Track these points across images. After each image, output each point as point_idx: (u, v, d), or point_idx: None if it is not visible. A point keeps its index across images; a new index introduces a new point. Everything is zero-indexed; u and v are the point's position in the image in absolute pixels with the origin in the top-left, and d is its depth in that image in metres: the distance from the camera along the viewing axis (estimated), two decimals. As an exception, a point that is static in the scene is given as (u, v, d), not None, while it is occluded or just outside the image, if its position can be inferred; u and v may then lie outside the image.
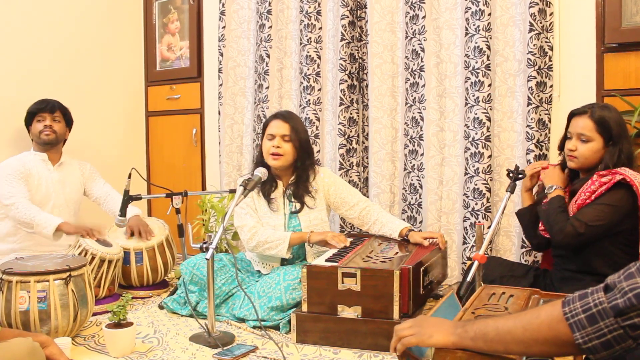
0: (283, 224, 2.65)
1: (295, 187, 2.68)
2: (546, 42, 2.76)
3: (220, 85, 3.68)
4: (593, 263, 2.19)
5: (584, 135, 2.21)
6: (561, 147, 2.38)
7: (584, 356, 1.13)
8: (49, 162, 3.08)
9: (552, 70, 2.78)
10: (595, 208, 2.14)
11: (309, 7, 3.31)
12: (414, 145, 3.13)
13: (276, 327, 2.37)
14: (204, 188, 3.93)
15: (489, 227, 2.69)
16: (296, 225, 2.65)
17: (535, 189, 2.53)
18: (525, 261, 2.82)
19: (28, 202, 2.85)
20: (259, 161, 2.70)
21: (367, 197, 3.21)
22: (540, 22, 2.74)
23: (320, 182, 2.73)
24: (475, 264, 2.11)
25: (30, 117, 3.06)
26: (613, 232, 2.15)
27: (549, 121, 2.80)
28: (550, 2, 2.75)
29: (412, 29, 3.08)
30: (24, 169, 2.96)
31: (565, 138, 2.33)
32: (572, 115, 2.29)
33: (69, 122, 3.18)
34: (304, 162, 2.67)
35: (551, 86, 2.79)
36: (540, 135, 2.78)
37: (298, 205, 2.67)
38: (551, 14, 2.76)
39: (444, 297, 1.57)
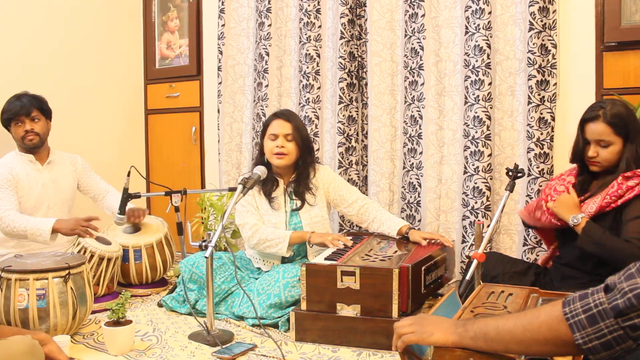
0: (284, 221, 2.65)
1: (296, 184, 2.69)
2: (549, 40, 2.76)
3: (220, 83, 3.67)
4: (597, 264, 2.17)
5: (603, 141, 2.15)
6: (578, 158, 2.26)
7: (582, 356, 1.13)
8: (37, 162, 2.93)
9: (552, 69, 2.78)
10: (638, 222, 2.04)
11: (309, 5, 3.30)
12: (413, 144, 3.13)
13: (275, 326, 2.37)
14: (203, 186, 3.93)
15: (488, 226, 2.69)
16: (297, 222, 2.65)
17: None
18: (527, 259, 2.82)
19: (15, 213, 2.71)
20: (260, 161, 2.70)
21: (367, 195, 3.21)
22: (541, 21, 2.74)
23: (320, 179, 2.73)
24: (475, 262, 2.11)
25: (7, 122, 2.87)
26: None
27: (550, 120, 2.80)
28: (550, 1, 2.75)
29: (411, 27, 3.08)
30: (11, 175, 2.81)
31: (581, 146, 2.23)
32: (585, 121, 2.20)
33: (48, 115, 2.95)
34: (305, 159, 2.68)
35: (551, 84, 2.79)
36: (541, 134, 2.78)
37: (299, 203, 2.68)
38: (552, 12, 2.75)
39: (445, 296, 1.57)
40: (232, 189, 2.95)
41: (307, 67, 3.32)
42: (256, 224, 2.60)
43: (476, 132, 2.89)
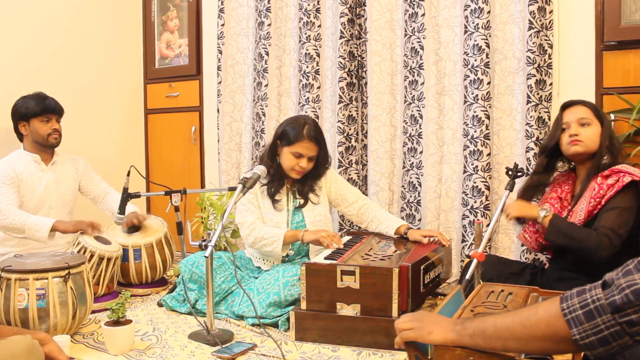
0: (286, 220, 2.65)
1: (300, 185, 2.69)
2: (546, 40, 2.76)
3: (219, 83, 3.67)
4: (591, 263, 2.18)
5: (585, 119, 2.23)
6: (552, 144, 2.30)
7: (582, 354, 1.13)
8: (42, 162, 2.96)
9: (551, 68, 2.78)
10: (614, 213, 2.09)
11: (308, 5, 3.30)
12: (412, 143, 3.13)
13: (275, 325, 2.37)
14: (202, 186, 3.93)
15: (487, 225, 2.69)
16: (300, 220, 2.66)
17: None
18: (525, 259, 2.83)
19: (15, 208, 2.73)
20: (268, 160, 2.67)
21: (366, 194, 3.21)
22: (540, 20, 2.74)
23: (323, 179, 2.74)
24: (474, 261, 2.11)
25: (31, 115, 2.89)
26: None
27: (549, 119, 2.80)
28: (550, 0, 2.75)
29: (411, 26, 3.08)
30: (15, 173, 2.83)
31: (558, 133, 2.28)
32: (565, 107, 2.30)
33: None
34: (317, 169, 2.69)
35: (550, 84, 2.79)
36: (540, 133, 2.78)
37: (302, 201, 2.68)
38: (550, 11, 2.76)
39: (450, 294, 1.57)
40: (232, 189, 2.95)
41: (307, 67, 3.32)
42: (254, 222, 2.60)
43: (475, 132, 2.89)
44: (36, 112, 2.89)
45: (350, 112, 3.26)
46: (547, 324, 1.05)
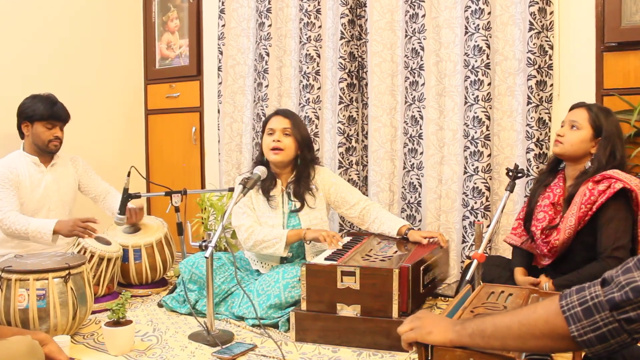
0: (282, 223, 2.64)
1: (295, 185, 2.67)
2: (546, 41, 2.76)
3: (220, 83, 3.67)
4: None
5: (575, 122, 2.23)
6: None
7: (583, 354, 1.13)
8: (41, 164, 2.93)
9: (552, 69, 2.78)
10: (611, 229, 2.08)
11: (309, 6, 3.30)
12: (413, 144, 3.13)
13: (275, 326, 2.36)
14: (203, 186, 3.93)
15: (488, 226, 2.69)
16: (296, 224, 2.65)
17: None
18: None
19: (16, 213, 2.70)
20: (259, 160, 2.70)
21: (367, 195, 3.21)
22: (540, 21, 2.74)
23: (320, 181, 2.72)
24: (475, 262, 2.11)
25: (37, 118, 2.86)
26: None
27: (549, 120, 2.80)
28: (550, 1, 2.75)
29: (411, 27, 3.08)
30: (13, 175, 2.80)
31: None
32: (572, 107, 2.32)
33: None
34: (305, 157, 2.67)
35: (551, 85, 2.79)
36: (540, 134, 2.78)
37: (298, 204, 2.66)
38: (551, 13, 2.76)
39: (460, 294, 1.57)
40: (232, 189, 2.94)
41: (307, 67, 3.32)
42: (252, 225, 2.59)
43: (475, 133, 2.89)
44: (43, 116, 2.86)
45: (350, 112, 3.26)
46: (545, 322, 1.05)
